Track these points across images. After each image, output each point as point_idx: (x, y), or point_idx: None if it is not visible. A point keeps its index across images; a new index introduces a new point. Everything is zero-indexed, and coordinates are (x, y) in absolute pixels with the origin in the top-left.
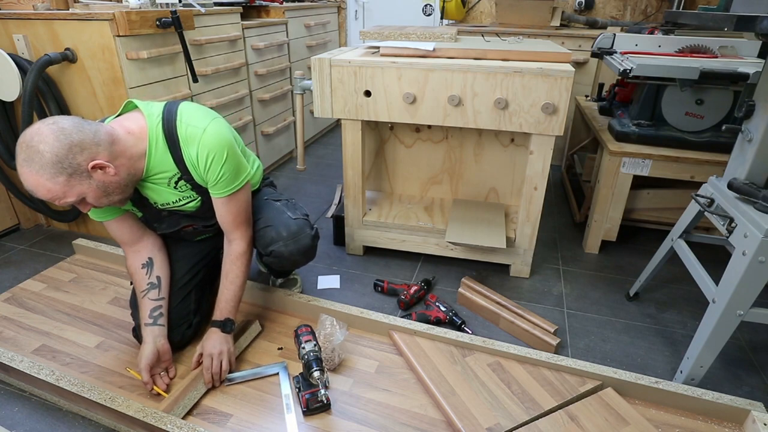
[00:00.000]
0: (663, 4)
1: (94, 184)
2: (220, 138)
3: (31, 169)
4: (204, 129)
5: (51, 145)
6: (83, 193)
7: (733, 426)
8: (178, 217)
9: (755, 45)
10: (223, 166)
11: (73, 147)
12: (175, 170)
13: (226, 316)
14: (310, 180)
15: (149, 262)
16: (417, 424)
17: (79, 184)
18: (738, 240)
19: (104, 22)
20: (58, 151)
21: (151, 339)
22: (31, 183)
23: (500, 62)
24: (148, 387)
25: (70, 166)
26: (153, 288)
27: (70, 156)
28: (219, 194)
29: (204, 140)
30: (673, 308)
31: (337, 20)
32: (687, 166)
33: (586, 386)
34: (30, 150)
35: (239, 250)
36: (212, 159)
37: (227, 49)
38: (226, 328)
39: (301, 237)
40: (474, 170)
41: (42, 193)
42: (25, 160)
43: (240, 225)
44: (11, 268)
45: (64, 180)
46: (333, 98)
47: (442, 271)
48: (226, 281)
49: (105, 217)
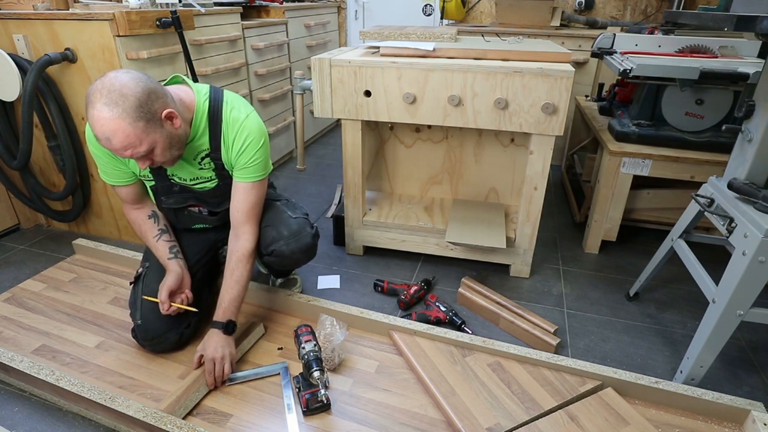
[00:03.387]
0: (663, 4)
1: (165, 133)
2: (260, 125)
3: (113, 113)
4: (247, 115)
5: (133, 89)
6: (155, 142)
7: (733, 426)
8: (188, 195)
9: (755, 45)
10: (257, 152)
11: (151, 93)
12: (207, 146)
13: (229, 318)
14: (310, 180)
15: (154, 214)
16: (417, 424)
17: (153, 132)
18: (738, 240)
19: (104, 22)
20: (140, 96)
21: (175, 268)
22: (110, 127)
23: (500, 62)
24: (164, 307)
25: (149, 111)
26: (164, 233)
27: (149, 102)
28: (244, 179)
29: (246, 124)
30: (673, 308)
31: (337, 20)
32: (687, 166)
33: (586, 386)
34: (112, 94)
35: (247, 248)
36: (250, 142)
37: (227, 49)
38: (228, 330)
39: (302, 236)
40: (474, 170)
41: (119, 139)
42: (106, 104)
43: (251, 219)
44: (11, 268)
45: (143, 126)
46: (333, 98)
47: (442, 271)
48: (231, 280)
49: (118, 182)
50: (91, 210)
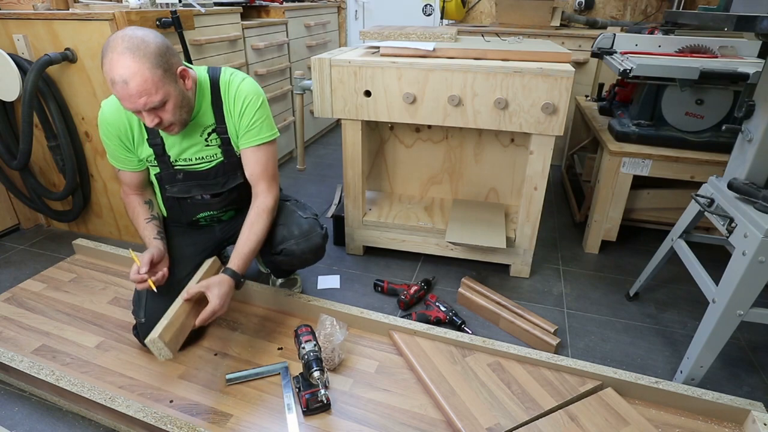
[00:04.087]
0: (663, 4)
1: (178, 90)
2: (256, 87)
3: (134, 56)
4: (243, 78)
5: (154, 39)
6: (169, 94)
7: (733, 426)
8: (191, 183)
9: (755, 45)
10: (257, 112)
11: (169, 48)
12: (212, 120)
13: (242, 272)
14: (310, 180)
15: (150, 202)
16: (417, 424)
17: (168, 84)
18: (738, 240)
19: (104, 22)
20: (160, 46)
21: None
22: (130, 70)
23: (500, 62)
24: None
25: (167, 62)
26: (155, 219)
27: (168, 54)
28: (250, 143)
29: (242, 86)
30: (673, 308)
31: (337, 20)
32: (687, 166)
33: (586, 386)
34: (134, 39)
35: (267, 204)
36: (248, 102)
37: (227, 49)
38: (239, 286)
39: (312, 236)
40: (474, 170)
41: (137, 83)
42: (128, 48)
43: (268, 178)
44: (11, 268)
45: (160, 74)
46: (333, 98)
47: (442, 271)
48: (249, 232)
49: (125, 167)
50: (91, 210)
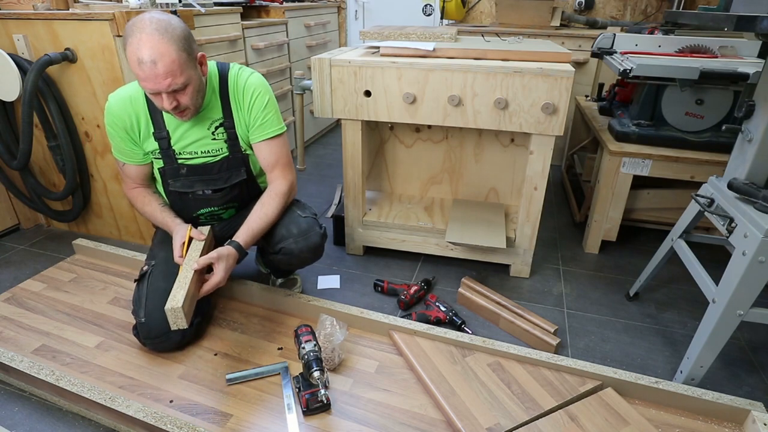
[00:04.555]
0: (663, 4)
1: (198, 75)
2: (264, 82)
3: (163, 38)
4: (251, 73)
5: (179, 24)
6: (190, 78)
7: (733, 426)
8: (194, 178)
9: (755, 45)
10: (266, 106)
11: (191, 35)
12: (220, 114)
13: (246, 247)
14: (310, 180)
15: (157, 191)
16: (417, 424)
17: (191, 68)
18: (738, 240)
19: (104, 22)
20: (184, 31)
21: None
22: (159, 50)
23: (500, 62)
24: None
25: (190, 47)
26: (167, 205)
27: (191, 39)
28: (262, 136)
29: (250, 80)
30: (673, 308)
31: (337, 20)
32: (687, 166)
33: (586, 386)
34: (162, 23)
35: (282, 188)
36: (257, 96)
37: (227, 49)
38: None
39: (310, 235)
40: (474, 170)
41: (165, 63)
42: (157, 29)
43: (282, 165)
44: (11, 268)
45: (186, 57)
46: (333, 98)
47: (442, 271)
48: (261, 211)
49: (129, 160)
50: (91, 210)
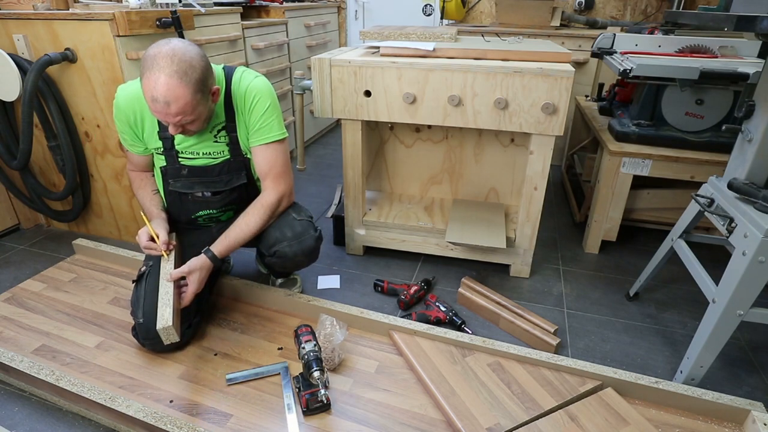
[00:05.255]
0: (663, 4)
1: (209, 107)
2: (267, 86)
3: (181, 81)
4: (255, 76)
5: (200, 63)
6: (201, 114)
7: (733, 426)
8: (194, 180)
9: (755, 45)
10: (267, 111)
11: (209, 70)
12: (223, 118)
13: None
14: (310, 180)
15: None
16: (417, 424)
17: (203, 105)
18: (738, 240)
19: (104, 22)
20: (203, 71)
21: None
22: (174, 94)
23: (500, 62)
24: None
25: (205, 86)
26: (158, 193)
27: (208, 78)
28: (260, 141)
29: (254, 83)
30: (673, 308)
31: (337, 20)
32: (687, 166)
33: (586, 386)
34: (183, 64)
35: (268, 199)
36: (258, 100)
37: (227, 49)
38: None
39: (305, 238)
40: (474, 170)
41: (179, 105)
42: (177, 72)
43: (275, 175)
44: (11, 268)
45: (199, 98)
46: (333, 98)
47: (442, 271)
48: (242, 221)
49: (133, 149)
50: (91, 210)
